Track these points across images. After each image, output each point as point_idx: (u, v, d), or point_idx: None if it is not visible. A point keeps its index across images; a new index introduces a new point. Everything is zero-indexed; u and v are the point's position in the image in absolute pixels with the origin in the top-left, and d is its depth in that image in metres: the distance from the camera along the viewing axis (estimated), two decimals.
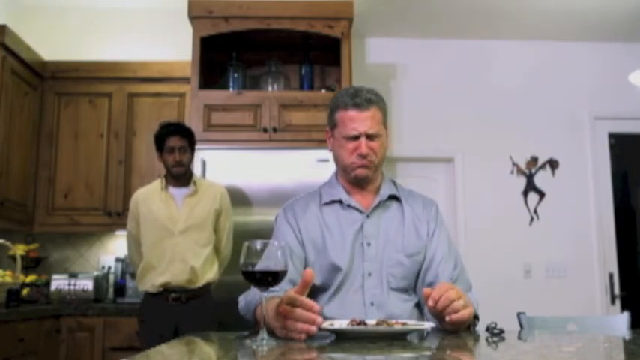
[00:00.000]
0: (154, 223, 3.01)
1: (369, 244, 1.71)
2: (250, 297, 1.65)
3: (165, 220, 3.00)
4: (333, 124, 1.77)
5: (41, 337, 3.22)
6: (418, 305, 1.75)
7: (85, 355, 3.36)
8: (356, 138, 1.70)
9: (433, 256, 1.75)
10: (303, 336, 1.31)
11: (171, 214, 3.01)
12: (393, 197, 1.81)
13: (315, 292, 1.71)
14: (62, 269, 3.98)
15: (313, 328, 1.31)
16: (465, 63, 4.50)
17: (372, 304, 1.66)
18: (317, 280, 1.70)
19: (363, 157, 1.70)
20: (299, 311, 1.31)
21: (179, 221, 3.00)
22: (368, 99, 1.71)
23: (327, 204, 1.78)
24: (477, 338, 1.43)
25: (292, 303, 1.32)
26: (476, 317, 1.65)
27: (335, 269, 1.69)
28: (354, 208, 1.76)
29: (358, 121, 1.70)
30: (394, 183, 1.86)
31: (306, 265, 1.72)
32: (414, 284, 1.76)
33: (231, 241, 3.19)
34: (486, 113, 4.44)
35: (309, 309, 1.31)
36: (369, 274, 1.69)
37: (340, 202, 1.77)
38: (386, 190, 1.80)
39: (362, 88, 1.74)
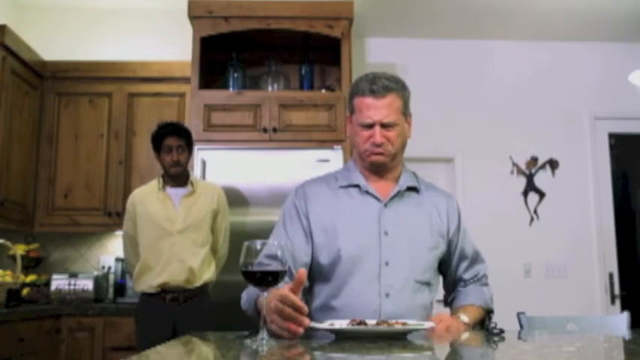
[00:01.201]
0: (151, 223, 3.00)
1: (386, 233, 1.66)
2: (251, 290, 1.61)
3: (162, 220, 2.99)
4: (351, 110, 1.73)
5: (41, 337, 3.21)
6: (444, 301, 1.84)
7: (85, 355, 3.36)
8: (370, 126, 1.66)
9: (461, 255, 1.80)
10: (289, 335, 1.32)
11: (168, 214, 3.00)
12: (412, 188, 1.76)
13: (324, 276, 1.67)
14: (62, 269, 3.97)
15: (300, 330, 1.32)
16: (465, 63, 4.50)
17: (387, 295, 1.61)
18: (325, 260, 1.66)
19: (377, 145, 1.66)
20: (288, 310, 1.31)
21: (176, 221, 2.99)
22: (385, 86, 1.65)
23: (343, 187, 1.74)
24: (476, 338, 1.43)
25: (283, 301, 1.32)
26: (490, 311, 1.68)
27: (343, 254, 1.64)
28: (371, 194, 1.71)
29: (373, 109, 1.65)
30: (415, 175, 1.82)
31: (313, 250, 1.68)
32: (433, 280, 1.74)
33: (227, 242, 3.18)
34: (486, 113, 4.44)
35: (297, 310, 1.31)
36: (387, 264, 1.64)
37: (357, 186, 1.73)
38: (405, 181, 1.76)
39: (381, 74, 1.69)
